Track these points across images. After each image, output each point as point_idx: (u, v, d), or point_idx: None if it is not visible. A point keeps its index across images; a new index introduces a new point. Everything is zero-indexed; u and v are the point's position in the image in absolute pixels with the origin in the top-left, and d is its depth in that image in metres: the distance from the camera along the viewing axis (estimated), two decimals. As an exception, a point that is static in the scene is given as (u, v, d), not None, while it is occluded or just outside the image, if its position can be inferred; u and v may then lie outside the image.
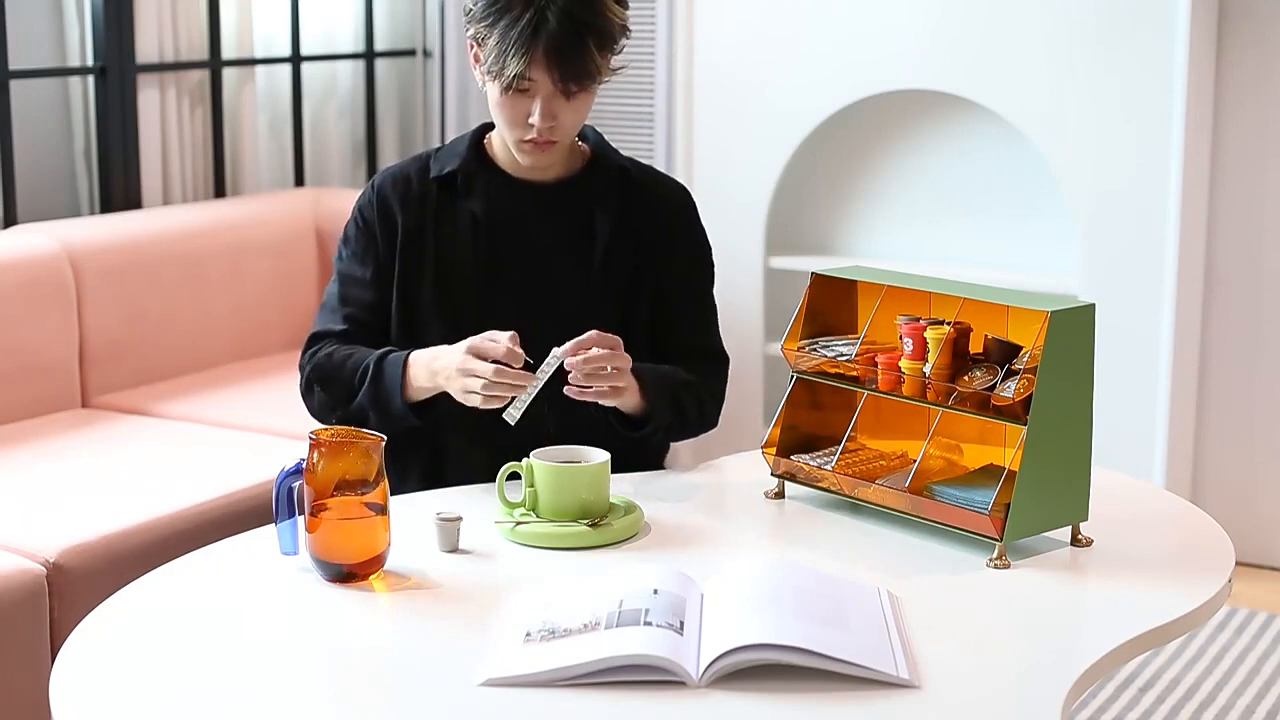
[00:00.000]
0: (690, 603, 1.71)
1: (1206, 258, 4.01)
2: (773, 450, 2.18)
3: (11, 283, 3.40)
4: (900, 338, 2.05)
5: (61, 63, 3.93)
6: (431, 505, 2.08)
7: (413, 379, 2.19)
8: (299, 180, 4.50)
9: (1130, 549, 2.01)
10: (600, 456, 2.05)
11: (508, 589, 1.83)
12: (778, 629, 1.61)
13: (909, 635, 1.70)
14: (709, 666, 1.58)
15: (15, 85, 3.73)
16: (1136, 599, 1.85)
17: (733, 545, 2.03)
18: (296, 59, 4.45)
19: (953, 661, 1.66)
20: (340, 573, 1.85)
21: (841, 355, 2.12)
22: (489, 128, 2.36)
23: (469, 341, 2.11)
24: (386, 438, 1.87)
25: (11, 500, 2.93)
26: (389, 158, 4.73)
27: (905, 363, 2.04)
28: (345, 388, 2.25)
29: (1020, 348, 1.99)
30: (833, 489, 2.11)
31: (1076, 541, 2.00)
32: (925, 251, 4.26)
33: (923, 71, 4.07)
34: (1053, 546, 1.99)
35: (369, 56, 4.65)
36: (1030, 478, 1.91)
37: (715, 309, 2.42)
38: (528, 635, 1.66)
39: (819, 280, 2.17)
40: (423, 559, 1.93)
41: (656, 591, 1.71)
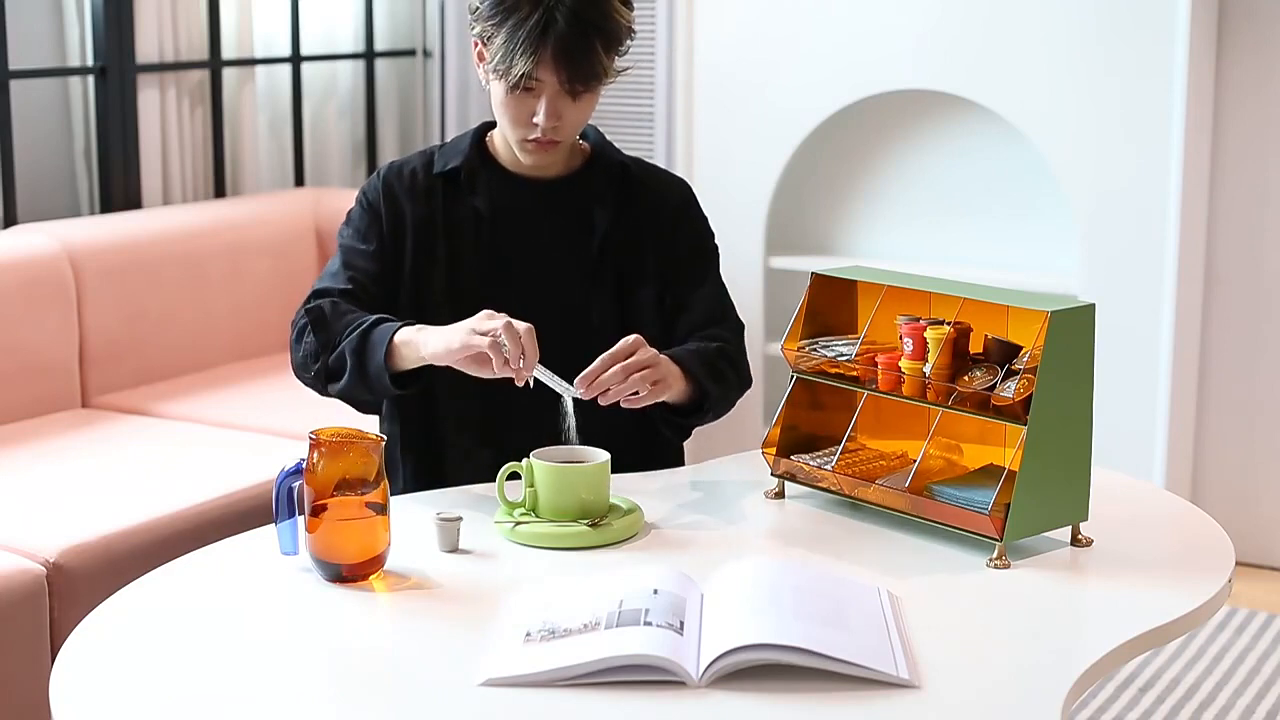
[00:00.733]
0: (690, 603, 1.71)
1: (1206, 258, 4.01)
2: (773, 450, 2.18)
3: (11, 283, 3.40)
4: (900, 338, 2.04)
5: (61, 63, 3.93)
6: (431, 505, 2.08)
7: (401, 341, 2.14)
8: (299, 180, 4.50)
9: (1130, 549, 2.01)
10: (600, 456, 2.05)
11: (508, 589, 1.83)
12: (778, 629, 1.61)
13: (909, 635, 1.70)
14: (709, 666, 1.58)
15: (15, 85, 3.73)
16: (1136, 599, 1.85)
17: (733, 545, 2.02)
18: (296, 59, 4.45)
19: (953, 661, 1.66)
20: (340, 573, 1.85)
21: (841, 355, 2.12)
22: (491, 125, 2.36)
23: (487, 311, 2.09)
24: (386, 438, 1.87)
25: (11, 500, 2.93)
26: (389, 158, 4.72)
27: (905, 363, 2.04)
28: (335, 333, 2.22)
29: (1020, 348, 1.99)
30: (833, 489, 2.11)
31: (1076, 541, 2.00)
32: (925, 251, 4.26)
33: (923, 71, 4.07)
34: (1053, 546, 1.99)
35: (369, 56, 4.65)
36: (1030, 478, 1.91)
37: (724, 287, 2.41)
38: (528, 635, 1.66)
39: (819, 280, 2.17)
40: (423, 559, 1.93)
41: (656, 591, 1.70)
